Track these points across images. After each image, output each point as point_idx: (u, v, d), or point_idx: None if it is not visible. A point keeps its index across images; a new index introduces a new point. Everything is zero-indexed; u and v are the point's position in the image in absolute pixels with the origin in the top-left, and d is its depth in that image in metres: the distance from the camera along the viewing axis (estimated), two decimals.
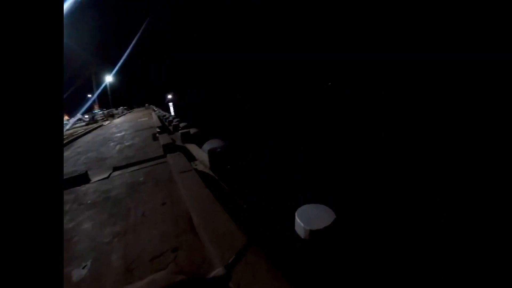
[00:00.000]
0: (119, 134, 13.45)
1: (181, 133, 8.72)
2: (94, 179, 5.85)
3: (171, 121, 14.73)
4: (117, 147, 9.57)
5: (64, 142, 14.54)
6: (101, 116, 33.78)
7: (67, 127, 27.38)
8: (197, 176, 4.03)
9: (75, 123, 30.82)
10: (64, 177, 5.69)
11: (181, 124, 12.81)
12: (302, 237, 2.44)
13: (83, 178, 5.83)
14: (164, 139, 7.71)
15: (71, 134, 16.62)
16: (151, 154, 7.12)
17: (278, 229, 3.09)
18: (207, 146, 7.23)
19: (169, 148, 6.69)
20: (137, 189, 4.57)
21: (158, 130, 10.14)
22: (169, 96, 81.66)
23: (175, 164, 4.84)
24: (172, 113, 39.80)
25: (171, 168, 5.01)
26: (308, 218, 2.47)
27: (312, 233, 2.36)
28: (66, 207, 4.23)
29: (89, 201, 4.42)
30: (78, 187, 5.41)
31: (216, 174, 5.22)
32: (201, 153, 6.92)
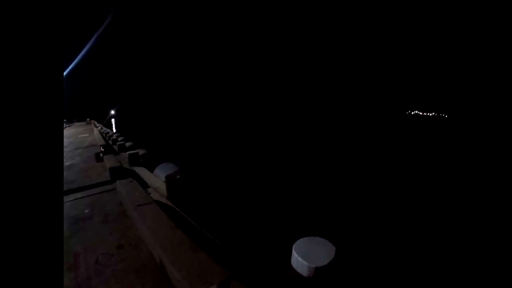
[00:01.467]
0: None
1: (129, 154, 7.92)
2: None
3: (115, 140, 13.64)
4: None
5: None
6: None
7: None
8: (161, 212, 3.43)
9: None
10: None
11: (127, 144, 11.87)
12: (305, 275, 2.19)
13: None
14: (110, 160, 6.90)
15: None
16: (95, 178, 6.29)
17: (269, 268, 2.72)
18: (160, 171, 6.58)
19: (117, 173, 5.94)
20: (83, 226, 3.83)
21: (102, 149, 9.18)
22: (112, 112, 77.84)
23: (129, 194, 4.17)
24: (114, 130, 37.62)
25: (123, 199, 4.33)
26: (307, 253, 2.24)
27: (318, 270, 2.13)
28: None
29: None
30: None
31: (175, 204, 4.65)
32: (153, 179, 6.24)
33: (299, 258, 2.22)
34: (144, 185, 5.90)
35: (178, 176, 4.88)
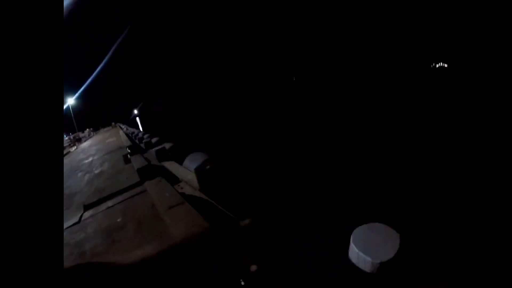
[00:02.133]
0: (86, 161, 12.06)
1: (156, 150, 7.63)
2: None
3: (141, 138, 13.50)
4: (86, 177, 8.35)
5: None
6: (67, 142, 31.54)
7: None
8: (194, 212, 3.04)
9: None
10: None
11: (153, 140, 11.63)
12: (368, 271, 1.91)
13: None
14: (137, 161, 6.61)
15: None
16: (125, 182, 6.02)
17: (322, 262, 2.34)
18: (190, 162, 6.22)
19: (145, 172, 5.63)
20: (117, 237, 3.51)
21: (129, 150, 8.95)
22: (135, 111, 79.05)
23: (159, 194, 3.83)
24: (141, 128, 38.03)
25: (154, 201, 4.00)
26: (368, 245, 1.93)
27: (383, 265, 1.83)
28: None
29: None
30: None
31: (210, 196, 4.28)
32: (184, 172, 5.91)
33: (360, 253, 1.89)
34: (176, 179, 5.57)
35: (208, 167, 4.48)
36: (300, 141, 19.48)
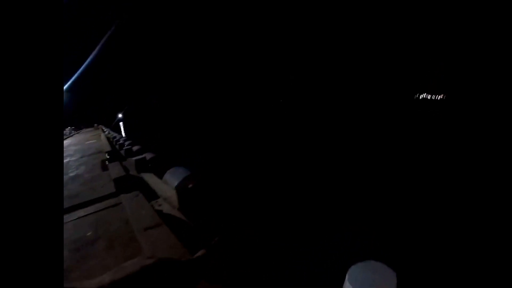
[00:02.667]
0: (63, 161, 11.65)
1: (136, 160, 7.37)
2: None
3: (122, 144, 13.14)
4: None
5: None
6: None
7: None
8: (172, 237, 2.85)
9: None
10: None
11: (134, 148, 11.32)
12: None
13: None
14: (114, 169, 6.35)
15: None
16: (99, 190, 5.74)
17: None
18: (170, 177, 6.00)
19: (122, 183, 5.38)
20: (86, 253, 3.27)
21: (108, 156, 8.64)
22: (120, 115, 77.80)
23: (134, 210, 3.62)
24: (123, 134, 37.29)
25: (129, 217, 3.77)
26: (364, 285, 1.86)
27: None
28: None
29: None
30: None
31: (189, 218, 4.08)
32: (163, 187, 5.67)
33: None
34: (154, 194, 5.34)
35: (190, 186, 4.29)
36: (292, 155, 19.37)
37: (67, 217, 4.68)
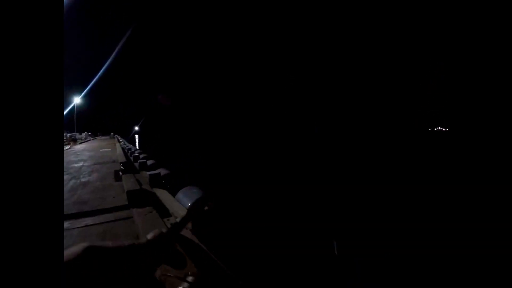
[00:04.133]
0: (76, 165, 11.58)
1: (150, 175, 7.23)
2: None
3: (137, 157, 13.09)
4: (71, 183, 7.87)
5: None
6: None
7: None
8: (187, 261, 2.63)
9: None
10: None
11: (149, 162, 11.24)
12: None
13: None
14: (128, 182, 6.20)
15: None
16: (110, 201, 5.58)
17: None
18: (184, 197, 5.82)
19: (135, 197, 5.21)
20: None
21: (122, 167, 8.54)
22: (136, 128, 79.05)
23: (146, 228, 3.41)
24: (137, 146, 37.61)
25: (140, 234, 3.57)
26: None
27: None
28: None
29: None
30: None
31: (202, 240, 3.85)
32: (175, 205, 5.49)
33: None
34: (165, 212, 5.13)
35: (205, 208, 4.08)
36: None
37: (73, 223, 4.51)
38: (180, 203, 5.70)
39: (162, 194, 6.36)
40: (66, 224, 4.53)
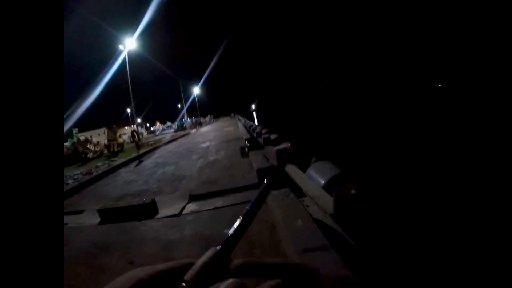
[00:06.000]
0: (203, 145, 12.05)
1: (277, 150, 6.67)
2: (161, 213, 4.16)
3: (259, 133, 12.92)
4: (199, 162, 7.96)
5: (148, 149, 13.90)
6: (189, 124, 34.06)
7: (157, 133, 28.17)
8: (345, 272, 1.82)
9: (164, 129, 31.71)
10: (128, 204, 4.57)
11: (272, 136, 10.82)
12: None
13: (149, 209, 4.19)
14: (257, 159, 5.72)
15: (156, 142, 15.91)
16: (239, 179, 5.19)
17: None
18: (316, 173, 5.05)
19: (265, 175, 4.67)
20: None
21: (248, 144, 8.25)
22: (253, 106, 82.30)
23: (285, 216, 2.75)
24: (256, 123, 38.75)
25: (278, 223, 2.93)
26: None
27: None
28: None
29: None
30: (138, 223, 3.80)
31: (348, 232, 3.04)
32: (309, 185, 4.76)
33: None
34: (298, 191, 4.46)
35: (353, 191, 3.21)
36: None
37: (202, 205, 4.20)
38: (312, 180, 4.97)
39: (292, 171, 5.74)
40: (194, 205, 4.25)
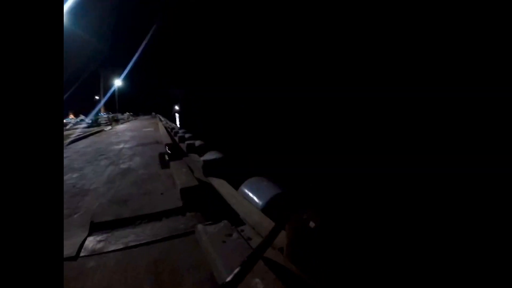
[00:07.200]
0: (116, 147, 10.50)
1: (205, 161, 5.76)
2: None
3: (182, 137, 11.81)
4: (109, 169, 6.63)
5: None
6: (105, 120, 31.02)
7: (67, 126, 25.19)
8: None
9: (76, 124, 28.60)
10: None
11: (197, 143, 9.83)
12: None
13: None
14: (180, 173, 4.72)
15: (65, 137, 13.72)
16: (158, 200, 4.15)
17: None
18: (253, 192, 4.26)
19: (192, 196, 3.76)
20: None
21: (168, 151, 7.13)
22: (176, 107, 79.63)
23: (227, 264, 1.90)
24: (178, 125, 37.15)
25: (215, 269, 2.06)
26: None
27: None
28: None
29: None
30: None
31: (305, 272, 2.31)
32: (246, 207, 3.96)
33: None
34: (234, 217, 3.63)
35: (312, 224, 2.48)
36: None
37: (108, 239, 3.12)
38: (248, 201, 4.19)
39: (222, 187, 4.88)
40: (98, 239, 3.16)
